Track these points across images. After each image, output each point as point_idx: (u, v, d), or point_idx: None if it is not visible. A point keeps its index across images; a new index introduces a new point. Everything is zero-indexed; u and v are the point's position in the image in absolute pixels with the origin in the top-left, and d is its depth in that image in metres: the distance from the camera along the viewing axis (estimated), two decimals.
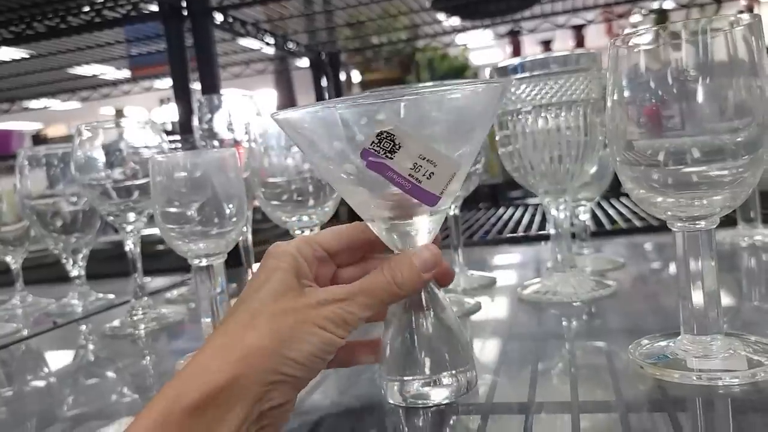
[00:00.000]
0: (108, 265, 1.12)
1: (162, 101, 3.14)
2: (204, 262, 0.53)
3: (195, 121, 0.76)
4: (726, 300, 0.59)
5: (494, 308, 0.66)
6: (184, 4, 1.06)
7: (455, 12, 1.52)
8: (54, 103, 2.30)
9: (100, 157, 0.70)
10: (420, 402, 0.41)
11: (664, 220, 0.42)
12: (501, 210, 1.50)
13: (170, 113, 3.23)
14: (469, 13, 1.53)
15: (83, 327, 0.80)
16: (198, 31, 1.06)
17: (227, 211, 0.55)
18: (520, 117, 0.63)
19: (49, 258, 1.20)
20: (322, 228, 0.66)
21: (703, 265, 0.41)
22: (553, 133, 0.62)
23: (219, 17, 1.17)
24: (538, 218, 1.27)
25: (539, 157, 0.63)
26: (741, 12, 2.83)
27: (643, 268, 0.79)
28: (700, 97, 0.39)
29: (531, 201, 1.58)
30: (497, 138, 0.66)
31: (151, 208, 0.71)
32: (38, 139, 3.36)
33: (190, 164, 0.52)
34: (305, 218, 0.65)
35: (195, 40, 1.06)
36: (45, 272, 1.14)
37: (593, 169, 0.65)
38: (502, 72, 0.65)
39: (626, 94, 0.41)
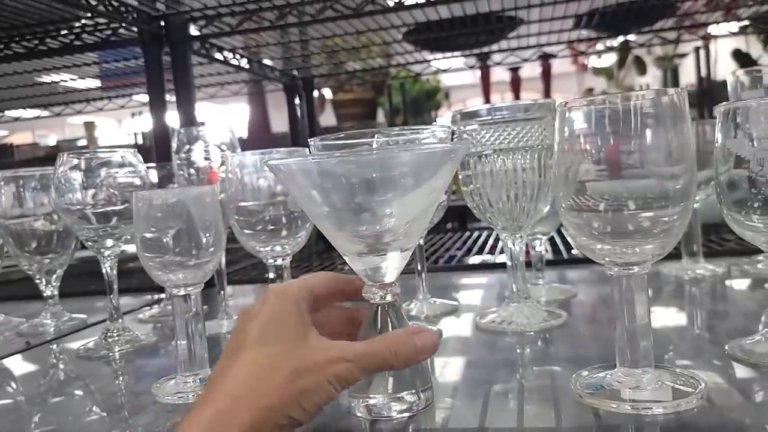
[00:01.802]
0: (78, 282, 1.13)
1: (133, 114, 3.13)
2: (182, 291, 0.56)
3: (173, 149, 0.79)
4: (666, 331, 0.65)
5: (454, 336, 0.70)
6: (164, 31, 1.09)
7: (425, 45, 1.58)
8: (21, 113, 2.29)
9: (80, 182, 0.73)
10: (384, 414, 0.45)
11: (602, 264, 0.47)
12: (468, 233, 1.55)
13: (141, 125, 3.23)
14: (438, 46, 1.59)
15: (54, 347, 0.81)
16: (176, 58, 1.10)
17: (204, 241, 0.59)
18: (481, 159, 0.68)
19: (18, 274, 1.21)
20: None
21: (636, 304, 0.46)
22: (510, 174, 0.67)
23: (197, 44, 1.21)
24: (496, 243, 1.32)
25: (497, 195, 0.68)
26: (697, 48, 2.96)
27: (594, 299, 0.84)
28: (631, 151, 0.44)
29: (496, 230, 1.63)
30: (460, 177, 0.71)
31: (128, 234, 0.74)
32: (4, 147, 3.32)
33: (172, 200, 0.55)
34: (278, 248, 0.68)
35: (173, 67, 1.09)
36: (15, 288, 1.15)
37: (546, 208, 0.70)
38: (466, 116, 0.70)
39: (569, 146, 0.47)
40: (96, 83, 1.88)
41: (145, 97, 2.10)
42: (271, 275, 0.69)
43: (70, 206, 0.72)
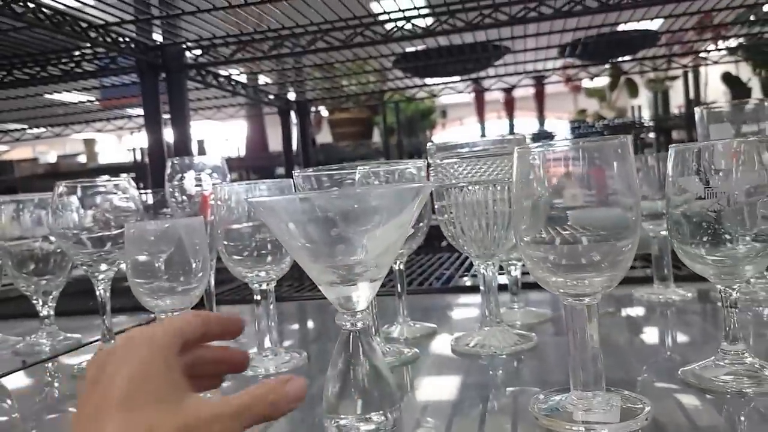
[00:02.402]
0: (74, 301, 1.16)
1: (132, 131, 3.18)
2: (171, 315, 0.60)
3: (166, 178, 0.83)
4: (627, 354, 0.68)
5: (430, 358, 0.73)
6: (161, 61, 1.14)
7: (416, 72, 1.63)
8: (23, 131, 2.33)
9: (76, 208, 0.77)
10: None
11: (557, 294, 0.51)
12: (455, 254, 1.58)
13: (141, 141, 3.27)
14: (428, 73, 1.64)
15: (49, 365, 0.85)
16: (172, 86, 1.14)
17: (194, 267, 0.64)
18: (455, 190, 0.72)
19: (14, 292, 1.24)
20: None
21: (587, 332, 0.50)
22: (483, 205, 0.71)
23: (193, 71, 1.25)
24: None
25: (470, 224, 0.72)
26: (686, 72, 3.02)
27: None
28: (590, 187, 0.49)
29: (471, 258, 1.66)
30: (436, 207, 0.75)
31: (122, 260, 0.77)
32: (3, 163, 3.37)
33: (162, 231, 0.59)
34: (263, 273, 0.72)
35: (169, 94, 1.14)
36: (12, 307, 1.18)
37: None
38: (441, 149, 0.74)
39: (523, 189, 0.51)
40: (95, 102, 1.93)
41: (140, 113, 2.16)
42: (258, 297, 0.73)
43: (66, 231, 0.76)
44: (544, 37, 1.38)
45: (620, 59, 1.68)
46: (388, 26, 1.13)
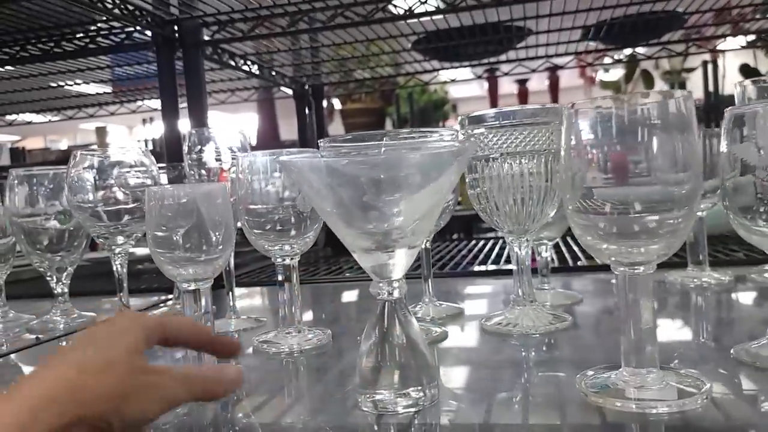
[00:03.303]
0: (88, 283, 1.14)
1: (144, 120, 3.17)
2: (192, 286, 0.57)
3: (185, 150, 0.80)
4: (672, 336, 0.65)
5: (460, 337, 0.70)
6: (177, 36, 1.11)
7: (435, 54, 1.60)
8: (34, 117, 2.32)
9: (92, 180, 0.74)
10: (390, 409, 0.46)
11: (608, 264, 0.48)
12: (474, 242, 1.55)
13: (152, 132, 3.25)
14: (447, 56, 1.61)
15: (63, 343, 0.82)
16: (189, 62, 1.11)
17: (214, 239, 0.60)
18: (488, 162, 0.69)
19: (28, 273, 1.22)
20: None
21: (641, 304, 0.46)
22: (517, 179, 0.68)
23: (209, 49, 1.22)
24: (500, 251, 1.33)
25: (504, 199, 0.69)
26: (705, 62, 2.97)
27: (599, 304, 0.85)
28: (638, 153, 0.45)
29: (502, 234, 1.63)
30: (467, 180, 0.72)
31: (139, 232, 0.75)
32: (16, 151, 3.36)
33: (184, 196, 0.56)
34: (287, 247, 0.69)
35: (185, 71, 1.11)
36: (26, 287, 1.16)
37: (553, 212, 0.70)
38: (474, 121, 0.71)
39: (575, 149, 0.47)
40: (107, 88, 1.91)
41: (155, 103, 2.14)
42: (280, 277, 0.70)
43: (82, 204, 0.74)
44: (570, 17, 1.34)
45: (643, 45, 1.63)
46: (411, 1, 1.10)
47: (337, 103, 3.50)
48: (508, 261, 1.23)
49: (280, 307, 0.70)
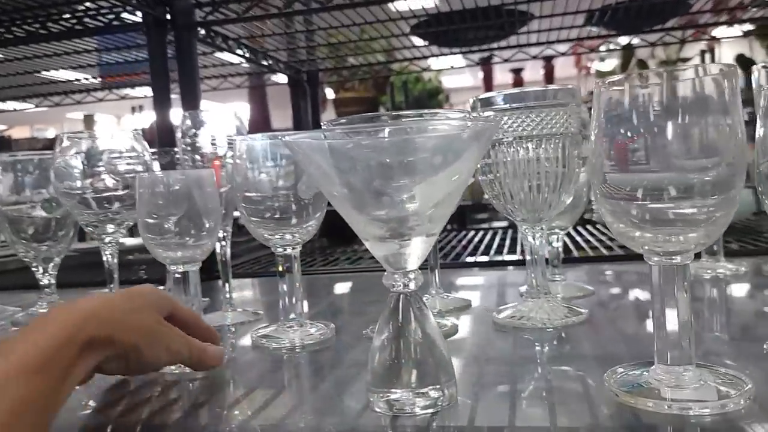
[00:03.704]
0: (74, 274, 1.10)
1: (134, 108, 3.10)
2: (181, 268, 0.54)
3: (178, 134, 0.76)
4: (697, 330, 0.61)
5: (470, 331, 0.67)
6: (169, 17, 1.06)
7: (434, 39, 1.56)
8: (20, 106, 2.26)
9: (80, 166, 0.70)
10: (407, 410, 0.42)
11: (641, 253, 0.44)
12: (469, 233, 1.52)
13: (141, 121, 3.19)
14: (447, 41, 1.57)
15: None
16: (181, 45, 1.06)
17: (207, 225, 0.58)
18: (501, 147, 0.65)
19: (14, 263, 1.18)
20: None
21: (677, 297, 0.43)
22: (532, 164, 0.64)
23: (201, 31, 1.18)
24: (501, 242, 1.30)
25: (518, 185, 0.65)
26: (703, 51, 2.94)
27: (612, 296, 0.81)
28: (671, 136, 0.41)
29: (497, 224, 1.61)
30: (479, 165, 0.68)
31: (130, 220, 0.71)
32: (2, 140, 3.29)
33: (173, 182, 0.53)
34: (288, 236, 0.65)
35: (178, 53, 1.06)
36: (11, 279, 1.12)
37: (570, 200, 0.67)
38: (485, 103, 0.67)
39: (605, 131, 0.44)
40: (95, 76, 1.86)
41: (144, 90, 2.08)
42: (280, 268, 0.66)
43: (69, 191, 0.69)
44: (571, 4, 1.31)
45: (645, 32, 1.60)
46: None
47: (329, 93, 3.45)
48: (500, 252, 1.19)
49: (280, 299, 0.67)
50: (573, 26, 1.51)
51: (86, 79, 1.87)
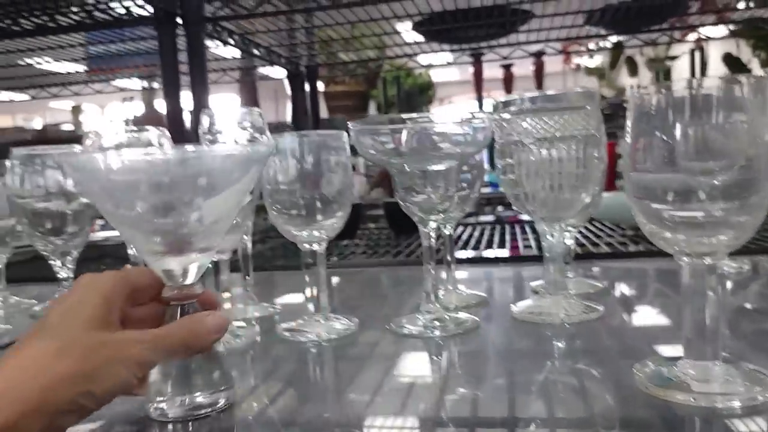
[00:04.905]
0: (95, 265, 1.10)
1: (125, 99, 3.07)
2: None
3: (201, 131, 0.76)
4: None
5: (492, 327, 0.69)
6: (179, 12, 1.07)
7: (434, 37, 1.57)
8: (5, 96, 2.23)
9: None
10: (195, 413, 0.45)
11: (672, 253, 0.46)
12: (457, 228, 1.53)
13: (130, 111, 3.16)
14: (448, 38, 1.58)
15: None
16: (192, 40, 1.07)
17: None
18: (521, 148, 0.67)
19: (30, 254, 1.17)
20: None
21: (706, 295, 0.45)
22: (553, 164, 0.66)
23: (209, 26, 1.18)
24: (490, 238, 1.32)
25: (539, 185, 0.67)
26: (693, 50, 2.99)
27: (623, 292, 0.84)
28: (700, 140, 0.43)
29: (483, 219, 1.62)
30: (499, 165, 0.70)
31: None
32: None
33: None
34: (315, 233, 0.66)
35: (189, 48, 1.07)
36: (27, 270, 1.11)
37: (589, 199, 0.69)
38: (506, 105, 0.69)
39: (636, 134, 0.46)
40: (81, 67, 1.84)
41: (129, 82, 2.07)
42: (308, 259, 0.68)
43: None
44: (573, 4, 1.33)
45: (646, 29, 1.63)
46: None
47: (320, 86, 3.45)
48: (489, 247, 1.21)
49: (305, 294, 0.68)
50: (573, 26, 1.54)
51: (77, 72, 1.86)
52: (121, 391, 0.39)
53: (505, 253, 1.16)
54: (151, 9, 1.06)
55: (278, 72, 1.89)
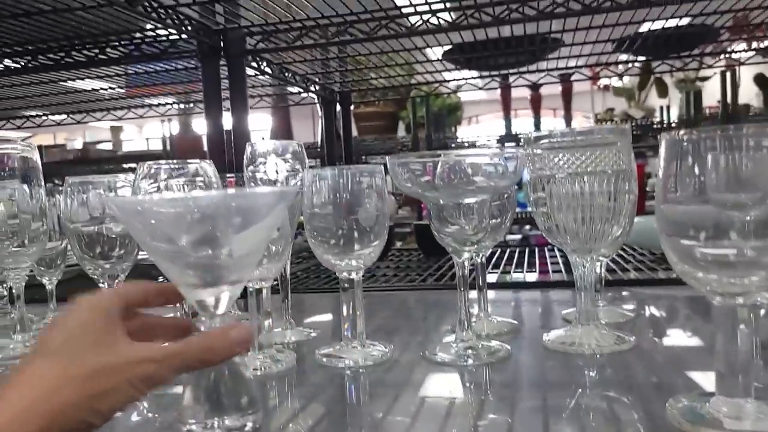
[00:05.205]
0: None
1: (162, 120, 3.16)
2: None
3: (245, 162, 0.80)
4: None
5: (524, 356, 0.70)
6: (221, 45, 1.11)
7: (465, 64, 1.60)
8: (49, 116, 2.31)
9: (155, 191, 0.74)
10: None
11: (705, 294, 0.48)
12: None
13: (167, 131, 3.23)
14: (478, 66, 1.61)
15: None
16: (233, 71, 1.12)
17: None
18: (554, 182, 0.69)
19: (72, 273, 1.21)
20: None
21: (738, 333, 0.46)
22: (585, 198, 0.68)
23: (249, 58, 1.23)
24: (516, 257, 1.33)
25: (571, 218, 0.69)
26: (723, 72, 2.97)
27: (652, 322, 0.85)
28: (732, 180, 0.45)
29: (510, 238, 1.64)
30: (531, 199, 0.72)
31: None
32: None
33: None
34: (353, 262, 0.69)
35: (230, 80, 1.11)
36: (75, 287, 1.16)
37: (620, 232, 0.71)
38: (538, 139, 0.71)
39: (667, 174, 0.48)
40: (121, 86, 1.90)
41: (165, 101, 2.14)
42: (343, 289, 0.70)
43: None
44: (607, 30, 1.35)
45: (676, 56, 1.64)
46: (413, 19, 1.11)
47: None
48: (518, 268, 1.22)
49: (342, 321, 0.71)
50: (602, 53, 1.56)
51: (111, 88, 1.92)
52: (126, 406, 0.39)
53: (533, 276, 1.17)
54: (194, 42, 1.11)
55: (311, 96, 1.94)
